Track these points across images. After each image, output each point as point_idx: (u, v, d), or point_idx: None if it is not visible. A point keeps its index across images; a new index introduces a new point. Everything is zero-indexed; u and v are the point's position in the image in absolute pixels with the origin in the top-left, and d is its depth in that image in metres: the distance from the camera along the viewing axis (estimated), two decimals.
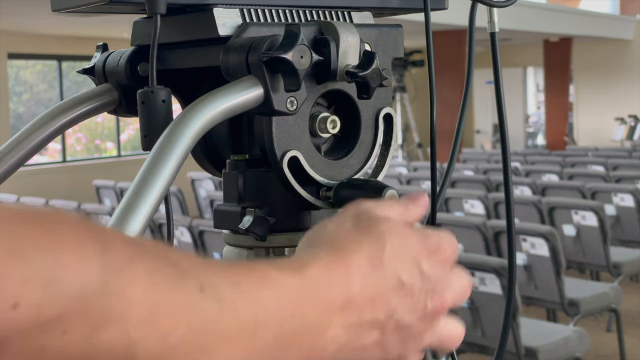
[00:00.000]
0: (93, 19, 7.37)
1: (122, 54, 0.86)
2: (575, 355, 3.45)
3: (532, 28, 11.92)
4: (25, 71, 10.96)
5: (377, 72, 0.74)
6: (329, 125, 0.77)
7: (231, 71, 0.73)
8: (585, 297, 4.06)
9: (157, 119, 0.74)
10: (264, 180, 0.79)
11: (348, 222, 0.61)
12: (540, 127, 16.66)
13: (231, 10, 0.77)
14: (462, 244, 4.43)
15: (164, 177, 0.64)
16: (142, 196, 0.63)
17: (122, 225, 0.61)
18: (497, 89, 0.88)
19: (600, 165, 8.55)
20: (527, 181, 6.61)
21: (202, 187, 7.90)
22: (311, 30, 0.74)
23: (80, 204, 5.91)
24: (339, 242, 0.59)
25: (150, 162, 0.65)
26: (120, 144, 11.49)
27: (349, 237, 0.59)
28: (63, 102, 0.87)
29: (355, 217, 0.62)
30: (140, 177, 0.64)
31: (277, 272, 0.54)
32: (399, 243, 0.60)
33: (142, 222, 0.62)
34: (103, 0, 0.73)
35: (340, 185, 0.77)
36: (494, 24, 0.89)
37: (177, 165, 0.65)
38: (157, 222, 5.06)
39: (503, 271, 3.17)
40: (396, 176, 7.60)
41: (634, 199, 5.73)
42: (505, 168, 0.88)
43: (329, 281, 0.56)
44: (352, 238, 0.59)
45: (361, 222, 0.61)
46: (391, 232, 0.61)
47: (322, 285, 0.55)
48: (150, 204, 0.63)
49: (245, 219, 0.76)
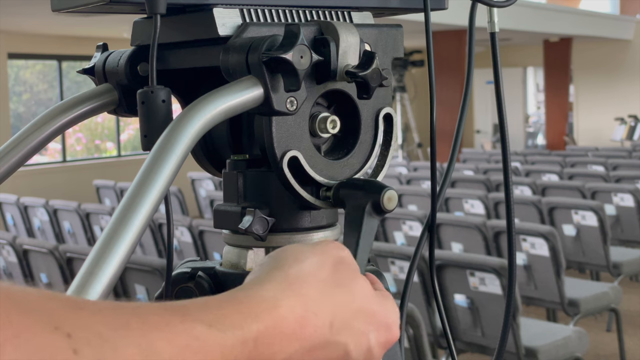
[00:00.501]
0: (93, 19, 7.37)
1: (122, 54, 0.86)
2: (575, 355, 3.45)
3: (532, 28, 11.92)
4: (25, 71, 10.95)
5: (377, 72, 0.74)
6: (329, 125, 0.77)
7: (231, 71, 0.73)
8: (585, 297, 4.06)
9: (157, 119, 0.74)
10: (264, 180, 0.79)
11: (327, 268, 0.61)
12: (540, 127, 16.66)
13: (231, 10, 0.77)
14: (462, 244, 4.43)
15: (164, 177, 0.64)
16: (142, 196, 0.63)
17: (122, 225, 0.61)
18: (497, 89, 0.88)
19: (600, 165, 8.55)
20: (527, 181, 6.61)
21: (202, 187, 7.90)
22: (311, 30, 0.74)
23: (80, 204, 5.91)
24: (307, 286, 0.58)
25: (150, 162, 0.65)
26: (120, 144, 11.49)
27: (322, 284, 0.59)
28: (63, 102, 0.87)
29: (335, 263, 0.62)
30: (140, 177, 0.64)
31: (211, 332, 0.51)
32: (365, 306, 0.61)
33: (142, 222, 0.62)
34: (103, 0, 0.73)
35: (340, 185, 0.77)
36: (494, 24, 0.89)
37: (177, 165, 0.65)
38: (157, 222, 5.06)
39: (503, 271, 3.17)
40: (396, 176, 7.60)
41: (634, 199, 5.72)
42: (505, 168, 0.88)
43: (274, 340, 0.54)
44: (324, 285, 0.59)
45: (330, 263, 0.61)
46: (360, 288, 0.61)
47: (264, 345, 0.53)
48: (150, 204, 0.63)
49: (245, 219, 0.76)
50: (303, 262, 0.60)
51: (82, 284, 0.58)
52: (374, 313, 0.62)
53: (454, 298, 3.38)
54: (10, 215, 6.69)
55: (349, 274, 0.62)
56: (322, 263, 0.61)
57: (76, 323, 0.45)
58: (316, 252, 0.62)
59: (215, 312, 0.53)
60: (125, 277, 3.57)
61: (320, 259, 0.61)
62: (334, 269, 0.61)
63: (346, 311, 0.59)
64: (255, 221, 0.76)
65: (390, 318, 0.63)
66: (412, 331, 2.80)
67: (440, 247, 4.55)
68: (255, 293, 0.56)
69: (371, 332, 0.61)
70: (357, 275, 0.63)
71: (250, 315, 0.53)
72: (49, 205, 6.12)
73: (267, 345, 0.53)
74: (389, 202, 0.74)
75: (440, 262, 3.39)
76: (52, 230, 6.14)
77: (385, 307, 0.63)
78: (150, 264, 3.43)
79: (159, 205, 0.64)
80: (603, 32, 14.07)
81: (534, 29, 11.99)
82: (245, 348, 0.52)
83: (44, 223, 6.22)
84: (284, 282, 0.58)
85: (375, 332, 0.61)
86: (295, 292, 0.57)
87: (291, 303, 0.56)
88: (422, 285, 3.37)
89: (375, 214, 0.74)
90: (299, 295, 0.57)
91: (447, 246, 4.52)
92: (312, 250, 0.62)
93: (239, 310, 0.54)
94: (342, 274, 0.62)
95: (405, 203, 5.90)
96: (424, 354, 2.84)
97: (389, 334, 0.63)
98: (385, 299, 0.64)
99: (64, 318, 0.45)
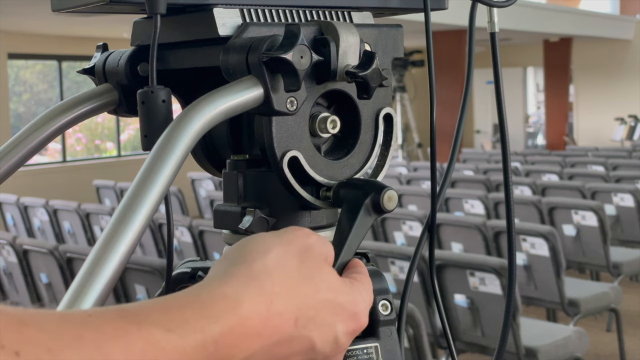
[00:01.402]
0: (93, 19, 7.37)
1: (122, 54, 0.86)
2: (575, 355, 3.45)
3: (532, 28, 11.92)
4: (25, 71, 10.96)
5: (377, 72, 0.74)
6: (329, 125, 0.77)
7: (231, 71, 0.73)
8: (585, 297, 4.06)
9: (157, 119, 0.74)
10: (264, 180, 0.79)
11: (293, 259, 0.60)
12: (540, 127, 16.66)
13: (231, 10, 0.76)
14: (462, 244, 4.43)
15: (164, 177, 0.64)
16: (142, 196, 0.63)
17: (122, 225, 0.61)
18: (497, 89, 0.88)
19: (600, 165, 8.55)
20: (527, 181, 6.61)
21: (202, 187, 7.90)
22: (311, 30, 0.74)
23: (80, 204, 5.91)
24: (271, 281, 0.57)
25: (150, 162, 0.65)
26: (120, 144, 11.49)
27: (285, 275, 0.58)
28: (63, 102, 0.87)
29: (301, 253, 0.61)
30: (140, 177, 0.64)
31: (169, 337, 0.50)
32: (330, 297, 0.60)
33: (142, 222, 0.62)
34: (103, 1, 0.73)
35: (340, 185, 0.77)
36: (494, 24, 0.89)
37: (177, 165, 0.65)
38: (157, 222, 5.06)
39: (503, 271, 3.17)
40: (396, 176, 7.60)
41: (634, 199, 5.73)
42: (505, 168, 0.88)
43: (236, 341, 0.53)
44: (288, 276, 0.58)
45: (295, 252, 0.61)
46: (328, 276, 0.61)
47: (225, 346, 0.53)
48: (151, 204, 0.63)
49: (245, 219, 0.76)
50: (268, 254, 0.60)
51: (82, 284, 0.58)
52: (340, 303, 0.61)
53: (454, 298, 3.38)
54: (10, 215, 6.69)
55: (314, 264, 0.62)
56: (288, 254, 0.60)
57: (23, 339, 0.44)
58: (282, 242, 0.61)
59: (175, 315, 0.52)
60: (125, 277, 3.57)
61: (285, 249, 0.61)
62: (299, 259, 0.61)
63: (311, 304, 0.59)
64: (255, 221, 0.76)
65: (357, 306, 0.63)
66: (412, 331, 2.80)
67: (440, 247, 4.55)
68: (217, 291, 0.55)
69: (337, 323, 0.61)
70: (322, 265, 0.62)
71: (212, 317, 0.53)
72: (49, 205, 6.12)
73: (228, 347, 0.53)
74: (389, 202, 0.74)
75: (440, 262, 3.39)
76: (52, 230, 6.14)
77: (352, 296, 0.63)
78: (150, 264, 3.43)
79: (159, 205, 0.64)
80: (603, 32, 14.07)
81: (534, 29, 11.99)
82: (205, 352, 0.51)
83: (44, 223, 6.22)
84: (247, 277, 0.57)
85: (342, 322, 0.61)
86: (259, 288, 0.56)
87: (255, 301, 0.55)
88: (422, 285, 3.37)
89: (374, 212, 0.74)
90: (262, 292, 0.56)
91: (447, 246, 4.52)
92: (278, 240, 0.62)
93: (200, 313, 0.53)
94: (308, 263, 0.61)
95: (405, 203, 5.90)
96: (424, 354, 2.84)
97: (356, 323, 0.62)
98: (352, 287, 0.63)
99: (10, 335, 0.44)
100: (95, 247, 0.61)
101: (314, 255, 0.62)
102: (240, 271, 0.58)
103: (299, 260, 0.61)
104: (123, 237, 0.61)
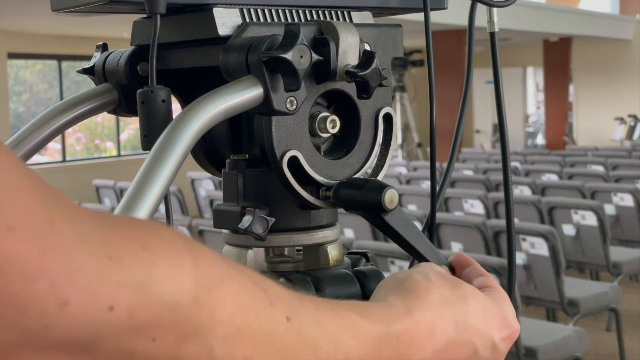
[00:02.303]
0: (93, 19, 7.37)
1: (122, 54, 0.86)
2: (575, 355, 3.45)
3: (532, 28, 11.92)
4: (25, 71, 10.96)
5: (377, 72, 0.74)
6: (329, 125, 0.77)
7: (231, 71, 0.73)
8: (585, 297, 4.06)
9: (157, 119, 0.74)
10: (264, 180, 0.79)
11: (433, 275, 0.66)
12: (540, 127, 16.66)
13: (231, 10, 0.76)
14: (462, 244, 4.43)
15: (164, 177, 0.64)
16: (142, 196, 0.63)
17: None
18: (497, 89, 0.88)
19: (600, 165, 8.55)
20: (527, 181, 6.61)
21: (202, 187, 7.90)
22: (311, 30, 0.74)
23: (80, 203, 5.90)
24: (430, 296, 0.63)
25: (150, 162, 0.65)
26: (120, 144, 11.49)
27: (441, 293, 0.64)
28: (63, 102, 0.87)
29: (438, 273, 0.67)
30: (140, 177, 0.64)
31: (364, 322, 0.56)
32: (482, 309, 0.65)
33: None
34: (103, 1, 0.73)
35: (340, 185, 0.77)
36: (494, 24, 0.89)
37: (177, 165, 0.65)
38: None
39: (503, 271, 3.17)
40: (396, 176, 7.60)
41: (634, 199, 5.73)
42: (505, 168, 0.88)
43: (413, 341, 0.59)
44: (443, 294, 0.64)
45: (446, 278, 0.66)
46: (474, 296, 0.66)
47: (405, 344, 0.58)
48: (151, 204, 0.63)
49: (245, 219, 0.76)
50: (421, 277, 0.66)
51: None
52: (490, 312, 0.66)
53: None
54: None
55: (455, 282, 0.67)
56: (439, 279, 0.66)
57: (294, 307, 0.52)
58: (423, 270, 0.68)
59: (364, 309, 0.59)
60: None
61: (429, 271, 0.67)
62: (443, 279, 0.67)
63: (465, 312, 0.64)
64: (255, 221, 0.76)
65: (506, 314, 0.67)
66: None
67: (440, 247, 4.55)
68: (387, 303, 0.62)
69: (493, 329, 0.65)
70: (462, 283, 0.68)
71: (393, 316, 0.59)
72: None
73: (407, 345, 0.58)
74: (390, 201, 0.74)
75: None
76: None
77: (500, 305, 0.67)
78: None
79: (159, 205, 0.64)
80: (603, 32, 14.08)
81: (534, 29, 11.99)
82: (390, 343, 0.57)
83: None
84: (409, 292, 0.63)
85: (497, 329, 0.66)
86: (420, 301, 0.62)
87: (421, 309, 0.61)
88: None
89: (382, 213, 0.75)
90: (424, 304, 0.62)
91: (447, 246, 4.52)
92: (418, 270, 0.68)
93: (383, 312, 0.59)
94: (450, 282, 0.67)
95: (405, 203, 5.89)
96: None
97: (509, 329, 0.67)
98: (495, 299, 0.68)
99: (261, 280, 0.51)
100: None
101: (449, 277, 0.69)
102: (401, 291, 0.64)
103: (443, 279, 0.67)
104: None
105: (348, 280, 0.77)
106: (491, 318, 0.66)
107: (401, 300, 0.62)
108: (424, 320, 0.61)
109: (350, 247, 3.61)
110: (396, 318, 0.59)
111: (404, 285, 0.64)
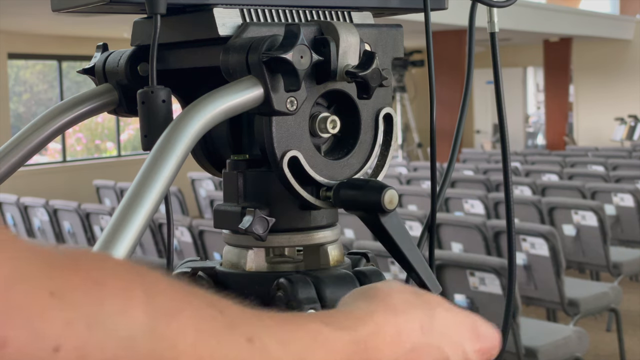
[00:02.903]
0: (93, 19, 7.37)
1: (122, 54, 0.86)
2: (575, 355, 3.45)
3: (532, 28, 11.92)
4: (25, 71, 10.96)
5: (377, 72, 0.74)
6: (329, 125, 0.77)
7: (231, 71, 0.73)
8: (585, 297, 4.06)
9: (157, 119, 0.74)
10: (264, 180, 0.79)
11: (396, 284, 0.65)
12: (540, 127, 16.66)
13: (231, 10, 0.77)
14: (462, 244, 4.43)
15: (164, 177, 0.64)
16: (142, 196, 0.63)
17: (122, 225, 0.61)
18: (497, 89, 0.88)
19: (600, 165, 8.55)
20: (527, 181, 6.61)
21: (202, 187, 7.90)
22: (311, 30, 0.74)
23: (80, 204, 5.90)
24: (392, 300, 0.61)
25: (150, 162, 0.65)
26: (120, 144, 11.49)
27: (403, 297, 0.62)
28: (63, 102, 0.87)
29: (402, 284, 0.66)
30: (140, 177, 0.64)
31: (329, 329, 0.55)
32: (450, 316, 0.63)
33: (142, 222, 0.62)
34: (103, 1, 0.73)
35: (340, 185, 0.77)
36: (494, 24, 0.89)
37: (177, 165, 0.65)
38: (157, 222, 5.06)
39: (503, 271, 3.17)
40: (396, 176, 7.60)
41: (634, 199, 5.72)
42: (505, 168, 0.88)
43: (379, 345, 0.58)
44: (405, 298, 0.62)
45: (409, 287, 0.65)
46: (440, 303, 0.64)
47: (372, 348, 0.57)
48: (151, 204, 0.63)
49: (245, 219, 0.76)
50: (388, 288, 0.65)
51: None
52: (461, 322, 0.64)
53: (454, 298, 3.38)
54: (10, 215, 6.69)
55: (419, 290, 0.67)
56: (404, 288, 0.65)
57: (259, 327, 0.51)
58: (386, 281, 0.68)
59: (327, 317, 0.57)
60: None
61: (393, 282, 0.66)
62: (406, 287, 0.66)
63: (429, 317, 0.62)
64: (255, 221, 0.76)
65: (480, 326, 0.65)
66: None
67: (440, 247, 4.55)
68: (351, 308, 0.61)
69: (464, 340, 0.63)
70: (426, 292, 0.67)
71: (358, 320, 0.58)
72: (49, 205, 6.12)
73: (374, 349, 0.57)
74: (389, 201, 0.74)
75: (440, 262, 3.39)
76: (52, 230, 6.14)
77: (471, 317, 0.66)
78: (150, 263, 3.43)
79: (159, 205, 0.64)
80: (603, 32, 14.07)
81: (534, 29, 11.98)
82: (357, 347, 0.56)
83: (44, 223, 6.22)
84: (371, 298, 0.62)
85: (468, 340, 0.64)
86: (383, 305, 0.61)
87: (384, 312, 0.60)
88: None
89: (381, 213, 0.74)
90: (387, 308, 0.61)
91: (447, 246, 4.52)
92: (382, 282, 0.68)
93: (348, 317, 0.58)
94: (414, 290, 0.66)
95: (405, 203, 5.89)
96: None
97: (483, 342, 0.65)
98: (466, 312, 0.67)
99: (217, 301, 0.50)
100: (95, 246, 0.61)
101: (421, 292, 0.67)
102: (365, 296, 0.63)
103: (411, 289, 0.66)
104: (123, 236, 0.61)
105: (348, 281, 0.77)
106: (461, 327, 0.64)
107: (365, 305, 0.61)
108: (387, 323, 0.59)
109: (350, 247, 3.61)
110: (361, 322, 0.58)
111: (366, 293, 0.63)
